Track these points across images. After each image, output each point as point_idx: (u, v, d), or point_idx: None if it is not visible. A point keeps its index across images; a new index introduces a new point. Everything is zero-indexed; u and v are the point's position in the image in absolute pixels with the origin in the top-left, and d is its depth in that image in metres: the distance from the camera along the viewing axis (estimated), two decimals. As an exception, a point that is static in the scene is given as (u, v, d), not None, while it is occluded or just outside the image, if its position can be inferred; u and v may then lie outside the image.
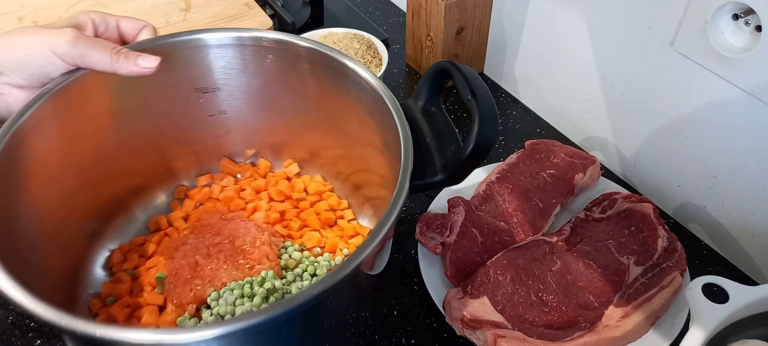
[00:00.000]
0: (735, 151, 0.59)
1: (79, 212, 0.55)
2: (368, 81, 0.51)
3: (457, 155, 0.45)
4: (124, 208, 0.61)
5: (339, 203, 0.64)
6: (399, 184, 0.43)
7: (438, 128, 0.49)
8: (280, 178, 0.65)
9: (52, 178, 0.51)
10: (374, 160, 0.56)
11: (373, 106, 0.51)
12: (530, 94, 0.84)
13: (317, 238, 0.60)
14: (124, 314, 0.53)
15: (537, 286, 0.57)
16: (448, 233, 0.61)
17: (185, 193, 0.65)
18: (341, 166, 0.64)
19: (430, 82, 0.51)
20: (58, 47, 0.48)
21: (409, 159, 0.45)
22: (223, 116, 0.62)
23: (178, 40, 0.55)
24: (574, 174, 0.66)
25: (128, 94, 0.56)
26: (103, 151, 0.56)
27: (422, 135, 0.49)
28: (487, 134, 0.44)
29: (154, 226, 0.62)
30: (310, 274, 0.56)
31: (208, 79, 0.59)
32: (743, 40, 0.54)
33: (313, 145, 0.64)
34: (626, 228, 0.61)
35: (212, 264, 0.54)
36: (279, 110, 0.62)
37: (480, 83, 0.45)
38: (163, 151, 0.63)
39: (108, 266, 0.58)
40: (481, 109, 0.44)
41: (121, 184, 0.60)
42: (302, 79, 0.58)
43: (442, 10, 0.75)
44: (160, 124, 0.60)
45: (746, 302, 0.46)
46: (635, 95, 0.67)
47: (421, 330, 0.58)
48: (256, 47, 0.57)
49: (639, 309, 0.54)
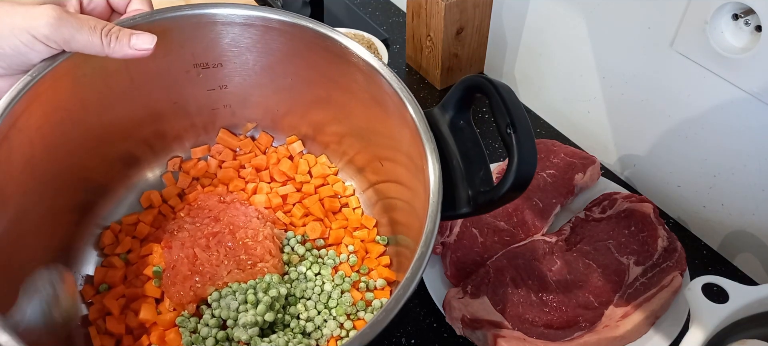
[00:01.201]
0: (735, 151, 0.60)
1: (67, 185, 0.52)
2: (391, 85, 0.48)
3: (487, 189, 0.42)
4: (116, 178, 0.58)
5: (344, 189, 0.61)
6: (427, 229, 0.40)
7: (466, 148, 0.45)
8: (282, 156, 0.62)
9: (34, 155, 0.47)
10: (383, 145, 0.54)
11: (393, 107, 0.49)
12: (530, 94, 0.84)
13: (321, 229, 0.58)
14: (118, 306, 0.52)
15: (537, 286, 0.57)
16: (448, 233, 0.61)
17: (179, 165, 0.61)
18: (346, 146, 0.61)
19: (462, 95, 0.46)
20: (37, 30, 0.42)
21: (437, 198, 0.41)
22: (223, 91, 0.59)
23: (178, 15, 0.51)
24: (574, 174, 0.66)
25: (120, 68, 0.52)
26: (92, 126, 0.53)
27: (450, 156, 0.45)
28: (526, 172, 0.39)
29: (147, 202, 0.59)
30: (315, 273, 0.55)
31: (210, 54, 0.56)
32: (743, 41, 0.54)
33: (317, 121, 0.61)
34: (626, 228, 0.61)
35: (212, 258, 0.53)
36: (283, 88, 0.59)
37: (521, 112, 0.40)
38: (157, 121, 0.59)
39: (99, 245, 0.56)
40: (521, 144, 0.39)
41: (111, 152, 0.57)
42: (311, 63, 0.55)
43: (442, 10, 0.75)
44: (153, 97, 0.57)
45: (746, 302, 0.46)
46: (635, 95, 0.67)
47: (421, 330, 0.58)
48: (265, 27, 0.53)
49: (639, 309, 0.54)
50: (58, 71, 0.45)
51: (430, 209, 0.41)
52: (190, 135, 0.62)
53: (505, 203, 0.42)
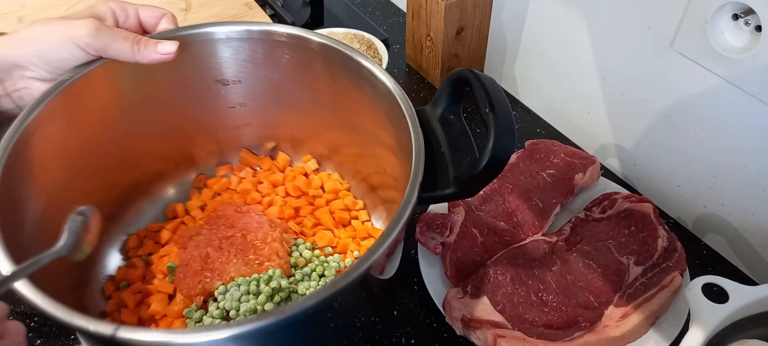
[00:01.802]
0: (735, 151, 0.59)
1: (98, 195, 0.56)
2: (384, 83, 0.51)
3: (471, 168, 0.44)
4: (145, 192, 0.63)
5: (354, 203, 0.63)
6: (406, 194, 0.42)
7: (454, 138, 0.48)
8: (298, 173, 0.65)
9: (67, 164, 0.52)
10: (389, 162, 0.56)
11: (388, 107, 0.51)
12: (530, 94, 0.84)
13: (329, 237, 0.60)
14: (134, 300, 0.54)
15: (537, 286, 0.57)
16: (448, 233, 0.61)
17: (204, 182, 0.66)
18: (359, 166, 0.63)
19: (450, 90, 0.50)
20: (80, 39, 0.48)
21: (419, 169, 0.44)
22: (243, 109, 0.63)
23: (198, 32, 0.55)
24: (574, 174, 0.66)
25: (147, 83, 0.56)
26: (123, 137, 0.57)
27: (437, 144, 0.48)
28: (503, 148, 0.42)
29: (172, 213, 0.63)
30: (319, 274, 0.56)
31: (228, 71, 0.59)
32: (743, 40, 0.54)
33: (333, 142, 0.64)
34: (626, 228, 0.61)
35: (222, 257, 0.55)
36: (298, 105, 0.62)
37: (500, 96, 0.44)
38: (184, 139, 0.64)
39: (124, 249, 0.60)
40: (498, 122, 0.42)
41: (142, 169, 0.61)
42: (318, 75, 0.58)
43: (442, 10, 0.75)
44: (180, 114, 0.61)
45: (746, 302, 0.46)
46: (635, 95, 0.67)
47: (421, 330, 0.58)
48: (272, 42, 0.57)
49: (639, 309, 0.54)
50: (93, 74, 0.51)
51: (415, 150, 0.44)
52: (214, 152, 0.67)
53: (487, 179, 0.44)
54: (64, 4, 0.83)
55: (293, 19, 0.86)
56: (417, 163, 0.44)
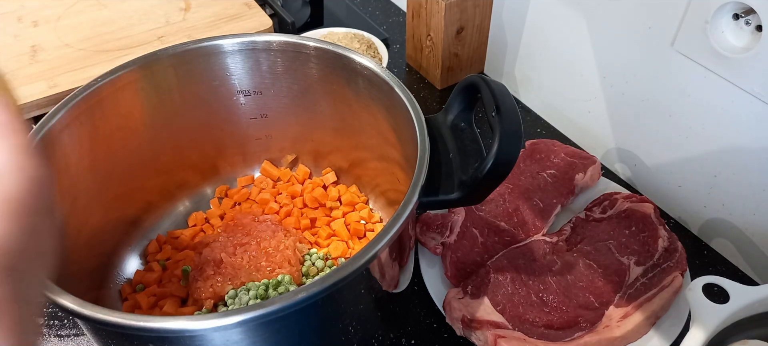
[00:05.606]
0: (735, 151, 0.59)
1: (122, 201, 0.58)
2: (397, 92, 0.51)
3: (477, 172, 0.44)
4: (169, 200, 0.64)
5: (371, 216, 0.64)
6: (406, 197, 0.42)
7: (464, 144, 0.48)
8: (317, 185, 0.66)
9: (92, 167, 0.53)
10: (401, 176, 0.56)
11: (400, 117, 0.51)
12: (530, 94, 0.84)
13: (343, 248, 0.60)
14: (148, 302, 0.55)
15: (537, 286, 0.57)
16: (448, 233, 0.61)
17: (226, 192, 0.67)
18: (379, 180, 0.64)
19: (462, 97, 0.50)
20: None
21: (421, 172, 0.43)
22: (264, 120, 0.64)
23: (218, 43, 0.57)
24: (574, 174, 0.66)
25: (172, 87, 0.58)
26: (148, 146, 0.59)
27: (446, 150, 0.48)
28: (507, 151, 0.42)
29: (193, 221, 0.64)
30: None
31: (250, 82, 0.60)
32: (743, 40, 0.54)
33: (353, 156, 0.65)
34: (627, 228, 0.61)
35: (235, 263, 0.56)
36: (318, 117, 0.63)
37: (507, 99, 0.43)
38: (208, 150, 0.65)
39: (144, 254, 0.61)
40: (503, 125, 0.42)
41: (167, 176, 0.63)
42: (338, 87, 0.58)
43: (442, 9, 0.75)
44: (204, 124, 0.62)
45: (747, 302, 0.46)
46: (635, 95, 0.67)
47: (421, 330, 0.58)
48: (295, 53, 0.57)
49: (639, 309, 0.54)
50: (119, 81, 0.53)
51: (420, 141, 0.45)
52: (237, 163, 0.68)
53: (492, 183, 0.44)
54: (64, 4, 0.83)
55: (293, 19, 0.85)
56: (420, 166, 0.44)
